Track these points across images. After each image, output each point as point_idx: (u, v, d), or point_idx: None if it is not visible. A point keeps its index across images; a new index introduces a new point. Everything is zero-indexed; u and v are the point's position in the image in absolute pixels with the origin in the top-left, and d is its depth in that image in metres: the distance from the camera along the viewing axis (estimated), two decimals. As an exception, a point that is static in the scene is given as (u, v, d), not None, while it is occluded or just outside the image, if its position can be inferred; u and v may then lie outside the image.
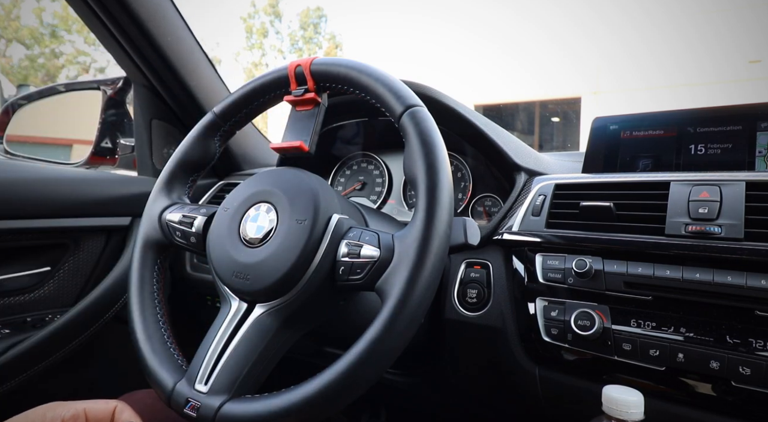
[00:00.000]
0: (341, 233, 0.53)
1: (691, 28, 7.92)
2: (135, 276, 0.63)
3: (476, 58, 9.63)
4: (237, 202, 0.58)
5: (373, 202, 1.06)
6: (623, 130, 0.82)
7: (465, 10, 10.05)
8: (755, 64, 7.54)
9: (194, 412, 0.50)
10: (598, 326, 0.62)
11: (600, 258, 0.65)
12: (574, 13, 8.84)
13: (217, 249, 0.57)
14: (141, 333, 0.59)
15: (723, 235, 0.58)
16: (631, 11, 8.43)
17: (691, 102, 6.61)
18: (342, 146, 1.10)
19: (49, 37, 11.67)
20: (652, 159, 0.79)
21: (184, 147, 0.68)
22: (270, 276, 0.52)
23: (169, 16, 1.05)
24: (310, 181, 0.56)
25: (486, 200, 0.96)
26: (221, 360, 0.52)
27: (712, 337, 0.57)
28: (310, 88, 0.60)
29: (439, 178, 0.50)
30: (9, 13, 10.97)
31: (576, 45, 8.74)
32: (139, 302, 0.62)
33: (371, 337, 0.46)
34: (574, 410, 0.69)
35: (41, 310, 0.97)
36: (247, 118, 0.68)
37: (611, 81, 8.52)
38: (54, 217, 0.95)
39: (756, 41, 7.57)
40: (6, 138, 1.35)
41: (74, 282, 1.02)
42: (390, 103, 0.55)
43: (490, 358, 0.77)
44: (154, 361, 0.57)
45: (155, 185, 0.68)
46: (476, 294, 0.74)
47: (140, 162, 1.20)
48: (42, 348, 0.92)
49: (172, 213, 0.64)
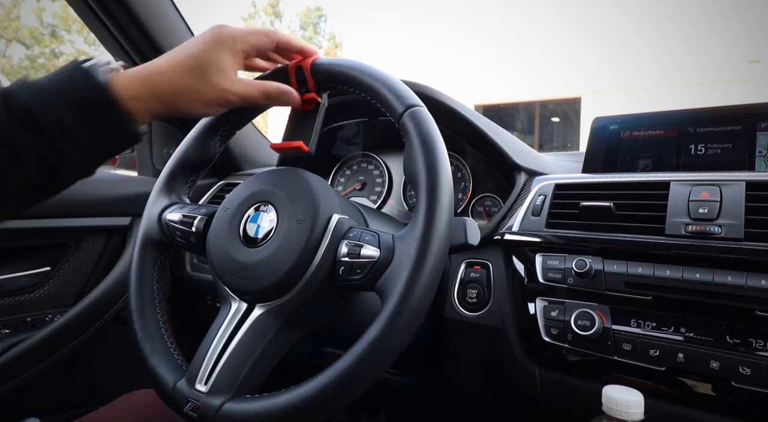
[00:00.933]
0: (341, 233, 0.53)
1: (691, 28, 7.92)
2: (135, 277, 0.63)
3: (476, 58, 9.63)
4: (237, 201, 0.58)
5: (373, 202, 1.06)
6: (623, 130, 0.83)
7: (465, 10, 10.05)
8: (755, 64, 7.54)
9: (194, 412, 0.50)
10: (598, 326, 0.62)
11: (600, 258, 0.65)
12: (574, 13, 8.84)
13: (217, 249, 0.57)
14: (141, 333, 0.59)
15: (723, 235, 0.58)
16: (631, 11, 8.43)
17: (691, 102, 6.60)
18: (342, 146, 1.10)
19: (49, 37, 11.68)
20: (652, 159, 0.79)
21: (184, 147, 0.68)
22: (270, 276, 0.52)
23: (169, 17, 1.05)
24: (310, 181, 0.56)
25: (486, 200, 0.96)
26: (221, 359, 0.52)
27: (712, 337, 0.57)
28: (310, 87, 0.60)
29: (439, 178, 0.50)
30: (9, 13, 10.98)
31: (576, 45, 8.74)
32: (139, 302, 0.62)
33: (372, 337, 0.46)
34: (574, 410, 0.69)
35: (41, 310, 0.97)
36: (248, 117, 0.68)
37: (611, 81, 8.52)
38: (54, 217, 0.95)
39: (756, 41, 7.57)
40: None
41: (74, 282, 1.02)
42: (390, 102, 0.55)
43: (490, 358, 0.77)
44: (155, 361, 0.57)
45: (155, 185, 0.68)
46: (476, 294, 0.74)
47: (140, 162, 1.20)
48: (42, 348, 0.92)
49: (172, 213, 0.64)
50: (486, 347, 0.76)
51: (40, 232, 0.94)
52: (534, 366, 0.71)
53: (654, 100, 7.78)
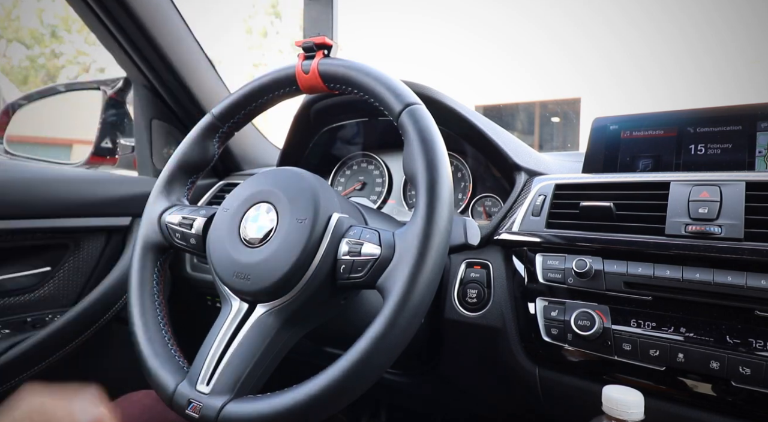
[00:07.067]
0: (342, 232, 0.53)
1: (691, 28, 7.92)
2: (135, 279, 0.63)
3: (476, 58, 9.62)
4: (237, 202, 0.58)
5: (373, 201, 1.06)
6: (623, 130, 0.82)
7: (465, 10, 10.05)
8: (755, 64, 7.54)
9: (196, 413, 0.50)
10: (598, 326, 0.62)
11: (600, 258, 0.65)
12: (574, 13, 8.84)
13: (217, 249, 0.57)
14: (142, 335, 0.59)
15: (723, 235, 0.58)
16: (631, 11, 8.42)
17: (691, 102, 6.60)
18: (342, 146, 1.10)
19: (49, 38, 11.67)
20: (652, 159, 0.79)
21: (182, 149, 0.68)
22: (271, 276, 0.52)
23: (169, 17, 1.05)
24: (309, 181, 0.56)
25: (486, 200, 0.96)
26: (223, 360, 0.52)
27: (712, 337, 0.57)
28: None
29: (439, 175, 0.50)
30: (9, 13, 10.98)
31: (576, 45, 8.73)
32: (140, 304, 0.62)
33: (374, 334, 0.46)
34: (574, 410, 0.69)
35: (41, 310, 0.97)
36: (246, 119, 0.68)
37: (611, 81, 8.52)
38: (54, 217, 0.95)
39: (756, 41, 7.57)
40: (6, 138, 1.35)
41: (74, 282, 1.02)
42: (389, 101, 0.55)
43: (490, 358, 0.77)
44: (155, 363, 0.57)
45: (154, 187, 0.68)
46: (476, 295, 0.74)
47: (140, 162, 1.20)
48: (42, 348, 0.92)
49: (171, 215, 0.64)
50: (486, 347, 0.76)
51: (40, 232, 0.94)
52: (534, 366, 0.71)
53: (654, 100, 7.78)
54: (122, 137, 1.27)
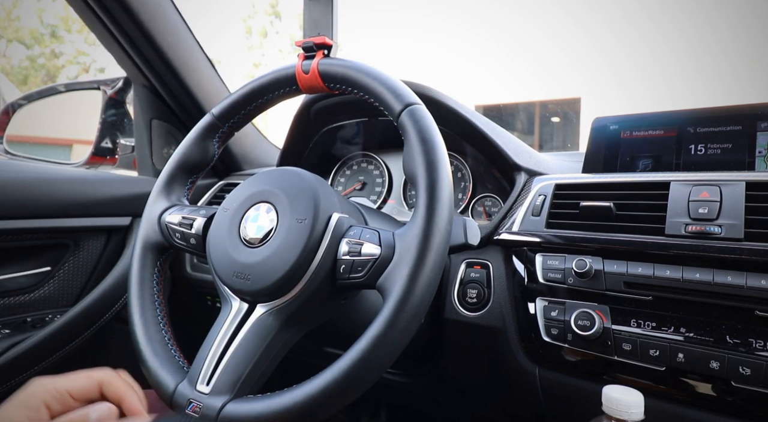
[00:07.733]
0: (342, 231, 0.53)
1: (691, 28, 7.92)
2: (135, 279, 0.63)
3: (476, 58, 9.62)
4: (237, 202, 0.58)
5: (373, 202, 1.06)
6: (623, 130, 0.82)
7: (465, 10, 10.05)
8: (755, 64, 7.54)
9: (196, 413, 0.50)
10: (598, 326, 0.62)
11: (600, 258, 0.65)
12: (574, 13, 8.84)
13: (217, 249, 0.57)
14: (142, 335, 0.59)
15: (723, 235, 0.58)
16: (631, 11, 8.42)
17: (691, 102, 6.60)
18: (342, 146, 1.10)
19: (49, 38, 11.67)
20: (652, 159, 0.79)
21: (182, 149, 0.68)
22: (271, 276, 0.52)
23: (169, 17, 1.05)
24: (309, 181, 0.56)
25: (486, 200, 0.96)
26: (223, 360, 0.52)
27: (712, 337, 0.57)
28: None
29: (439, 175, 0.50)
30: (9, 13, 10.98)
31: (576, 45, 8.73)
32: (140, 305, 0.62)
33: (374, 333, 0.46)
34: (574, 410, 0.69)
35: (41, 310, 0.97)
36: (246, 119, 0.68)
37: (611, 81, 8.51)
38: (54, 217, 0.95)
39: (756, 41, 7.57)
40: (6, 138, 1.35)
41: (74, 282, 1.02)
42: (389, 101, 0.55)
43: (490, 358, 0.77)
44: (155, 363, 0.57)
45: (154, 187, 0.68)
46: (476, 295, 0.74)
47: (140, 162, 1.20)
48: (42, 348, 0.92)
49: (171, 215, 0.64)
50: (486, 347, 0.76)
51: (40, 232, 0.94)
52: (534, 366, 0.71)
53: (654, 100, 7.78)
54: (122, 137, 1.27)
